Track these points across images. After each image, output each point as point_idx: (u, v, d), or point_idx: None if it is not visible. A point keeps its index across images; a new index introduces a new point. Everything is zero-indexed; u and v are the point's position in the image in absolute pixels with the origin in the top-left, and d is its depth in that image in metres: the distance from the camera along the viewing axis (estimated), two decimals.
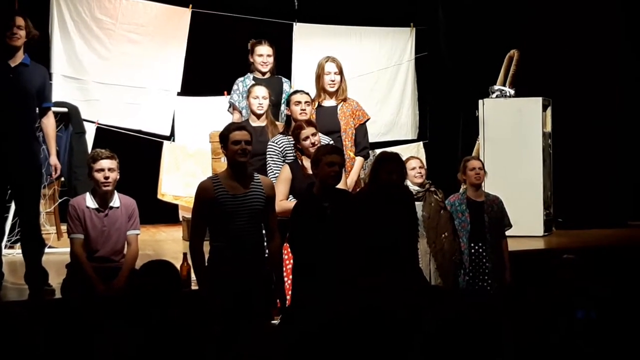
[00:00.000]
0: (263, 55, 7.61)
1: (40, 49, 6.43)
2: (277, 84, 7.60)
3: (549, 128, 9.72)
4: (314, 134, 6.41)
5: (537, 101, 9.50)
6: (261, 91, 7.04)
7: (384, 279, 5.48)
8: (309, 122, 6.58)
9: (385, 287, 5.44)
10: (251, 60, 7.69)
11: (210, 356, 4.30)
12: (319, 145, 6.32)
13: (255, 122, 6.99)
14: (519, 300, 5.65)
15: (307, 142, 6.37)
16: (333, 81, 7.21)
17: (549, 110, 9.72)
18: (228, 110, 7.72)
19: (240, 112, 7.48)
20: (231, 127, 5.69)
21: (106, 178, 5.91)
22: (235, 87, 7.62)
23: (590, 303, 5.17)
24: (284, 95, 7.50)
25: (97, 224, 5.93)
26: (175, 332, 4.35)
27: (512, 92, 9.71)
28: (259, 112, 7.00)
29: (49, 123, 6.53)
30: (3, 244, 7.34)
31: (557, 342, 4.37)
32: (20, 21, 6.22)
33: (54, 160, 6.53)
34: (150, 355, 4.26)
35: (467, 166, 6.88)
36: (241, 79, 7.65)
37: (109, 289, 5.71)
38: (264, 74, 7.63)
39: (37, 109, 6.43)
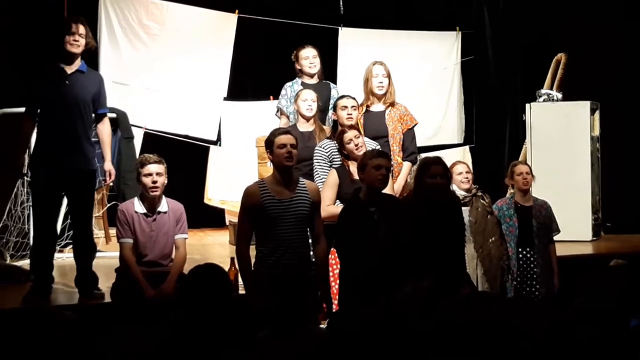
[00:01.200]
0: (309, 57, 7.61)
1: (89, 55, 6.51)
2: (325, 89, 7.58)
3: (597, 132, 9.62)
4: (357, 136, 6.41)
5: (585, 105, 9.42)
6: (310, 94, 7.04)
7: (430, 285, 5.46)
8: (351, 126, 6.59)
9: (431, 292, 5.43)
10: (298, 67, 7.67)
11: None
12: (362, 147, 6.32)
13: (303, 127, 6.99)
14: (568, 307, 5.54)
15: (351, 145, 6.38)
16: (381, 83, 7.21)
17: (597, 114, 9.63)
18: (276, 115, 7.72)
19: (288, 117, 7.49)
20: (276, 132, 5.72)
21: (154, 182, 5.95)
22: (283, 92, 7.62)
23: None
24: (331, 101, 7.50)
25: (145, 229, 5.98)
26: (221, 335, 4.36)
27: (560, 95, 9.64)
28: (308, 114, 6.99)
29: (104, 129, 6.60)
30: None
31: (609, 351, 4.29)
32: (82, 29, 6.33)
33: (108, 165, 6.60)
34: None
35: (515, 171, 6.84)
36: (289, 83, 7.65)
37: (159, 295, 5.75)
38: (312, 76, 7.62)
39: (93, 115, 6.50)
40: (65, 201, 7.15)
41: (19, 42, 8.92)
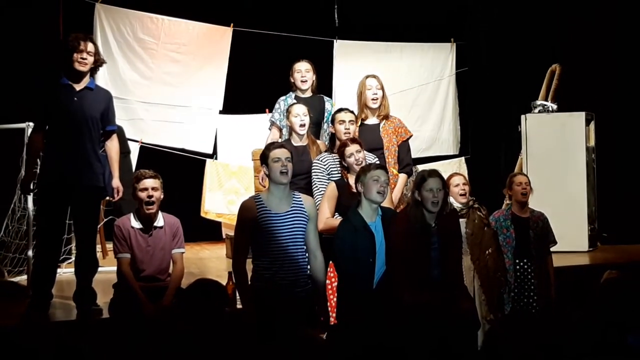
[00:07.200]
0: (301, 70, 7.60)
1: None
2: (318, 102, 7.60)
3: (592, 142, 9.63)
4: (358, 151, 6.39)
5: (580, 115, 9.43)
6: (301, 109, 7.03)
7: (428, 297, 5.47)
8: (353, 140, 6.56)
9: (429, 305, 5.44)
10: (292, 79, 7.69)
11: None
12: (363, 162, 6.31)
13: (297, 142, 6.99)
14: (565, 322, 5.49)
15: (352, 159, 6.35)
16: (375, 95, 7.19)
17: (592, 125, 9.64)
18: (269, 129, 7.73)
19: (280, 130, 7.49)
20: (271, 147, 5.71)
21: (149, 197, 5.97)
22: (277, 105, 7.63)
23: None
24: (326, 114, 7.51)
25: (142, 244, 5.98)
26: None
27: (555, 106, 9.65)
28: (301, 130, 6.99)
29: (112, 146, 6.56)
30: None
31: None
32: (91, 47, 6.31)
33: (116, 182, 6.55)
34: None
35: (514, 181, 6.85)
36: (283, 97, 7.66)
37: (157, 310, 5.72)
38: (304, 91, 7.63)
39: (101, 131, 6.49)
40: None
41: (13, 57, 8.91)
